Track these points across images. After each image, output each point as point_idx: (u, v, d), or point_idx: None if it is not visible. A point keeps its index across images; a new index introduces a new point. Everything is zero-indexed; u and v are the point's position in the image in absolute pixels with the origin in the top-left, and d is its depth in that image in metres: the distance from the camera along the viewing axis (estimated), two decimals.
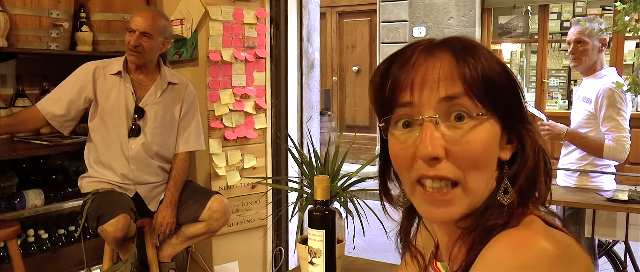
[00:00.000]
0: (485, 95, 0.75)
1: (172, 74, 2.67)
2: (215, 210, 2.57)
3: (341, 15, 8.20)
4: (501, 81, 0.76)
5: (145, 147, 2.55)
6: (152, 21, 2.51)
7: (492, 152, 0.76)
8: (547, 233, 0.71)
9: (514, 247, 0.68)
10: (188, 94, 2.68)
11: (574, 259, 0.69)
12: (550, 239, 0.68)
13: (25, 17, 2.71)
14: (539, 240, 0.68)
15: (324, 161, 1.70)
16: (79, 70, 2.56)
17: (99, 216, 2.34)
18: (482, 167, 0.75)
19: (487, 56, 0.77)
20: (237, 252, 3.17)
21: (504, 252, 0.68)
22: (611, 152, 2.57)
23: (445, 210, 0.76)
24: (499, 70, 0.76)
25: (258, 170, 3.19)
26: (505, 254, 0.68)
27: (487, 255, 0.70)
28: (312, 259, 1.31)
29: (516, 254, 0.67)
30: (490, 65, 0.76)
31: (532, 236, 0.69)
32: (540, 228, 0.73)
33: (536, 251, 0.67)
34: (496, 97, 0.75)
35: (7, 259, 2.53)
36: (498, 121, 0.76)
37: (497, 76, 0.76)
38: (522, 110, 0.79)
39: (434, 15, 7.20)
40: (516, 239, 0.70)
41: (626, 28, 2.64)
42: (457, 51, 0.76)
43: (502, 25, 7.39)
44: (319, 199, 1.29)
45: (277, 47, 3.28)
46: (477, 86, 0.74)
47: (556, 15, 7.04)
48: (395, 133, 0.79)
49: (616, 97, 2.56)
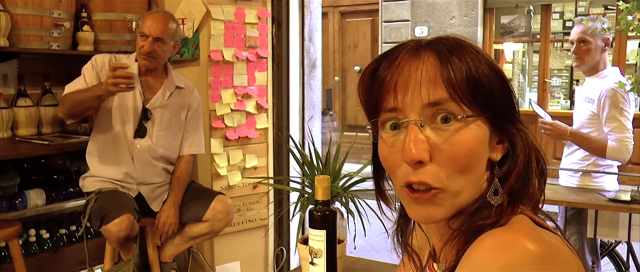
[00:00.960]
0: (471, 97, 0.73)
1: (178, 77, 2.67)
2: (219, 210, 2.57)
3: (343, 15, 8.20)
4: (488, 81, 0.74)
5: (150, 149, 2.55)
6: (165, 26, 2.49)
7: (479, 154, 0.75)
8: (532, 233, 0.69)
9: (496, 248, 0.67)
10: (194, 98, 2.69)
11: (559, 260, 0.68)
12: (535, 240, 0.67)
13: (27, 17, 2.71)
14: (523, 240, 0.67)
15: (325, 161, 1.70)
16: (93, 60, 2.53)
17: (103, 215, 2.34)
18: (468, 170, 0.74)
19: (473, 56, 0.75)
20: (239, 252, 3.17)
21: (486, 253, 0.68)
22: (614, 153, 2.56)
23: (430, 210, 0.76)
24: (486, 70, 0.75)
25: (260, 170, 3.19)
26: (487, 255, 0.67)
27: (470, 255, 0.70)
28: (312, 259, 1.31)
29: (498, 255, 0.66)
30: (476, 65, 0.74)
31: (515, 236, 0.68)
32: (525, 228, 0.71)
33: (518, 252, 0.66)
34: (483, 97, 0.74)
35: (9, 258, 2.53)
36: (486, 122, 0.75)
37: (484, 76, 0.74)
38: (513, 110, 0.78)
39: (436, 15, 7.19)
40: (499, 240, 0.69)
41: (629, 27, 2.63)
42: (442, 53, 0.75)
43: (505, 25, 7.38)
44: (320, 199, 1.29)
45: (279, 46, 3.28)
46: (462, 88, 0.73)
47: (558, 15, 7.02)
48: (384, 136, 0.79)
49: (619, 97, 2.55)
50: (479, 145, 0.74)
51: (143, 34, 2.47)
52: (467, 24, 7.11)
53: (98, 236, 2.54)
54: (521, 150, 0.76)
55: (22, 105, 2.88)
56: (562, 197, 2.59)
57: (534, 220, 0.75)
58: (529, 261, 0.65)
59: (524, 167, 0.76)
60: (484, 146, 0.75)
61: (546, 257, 0.66)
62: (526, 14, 7.20)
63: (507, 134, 0.77)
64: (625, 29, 2.65)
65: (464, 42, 0.77)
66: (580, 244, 2.70)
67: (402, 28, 7.25)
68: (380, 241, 2.58)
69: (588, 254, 2.71)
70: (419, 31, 7.22)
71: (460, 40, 0.78)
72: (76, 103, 2.40)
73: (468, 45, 0.77)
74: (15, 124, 2.87)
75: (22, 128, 2.88)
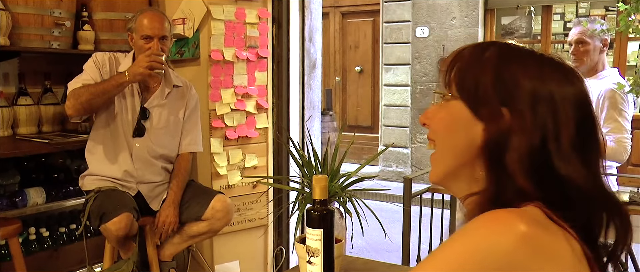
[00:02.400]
0: (453, 81, 0.87)
1: (176, 76, 2.67)
2: (218, 209, 2.58)
3: (344, 15, 8.20)
4: (470, 69, 0.86)
5: (149, 148, 2.56)
6: (164, 24, 2.51)
7: (452, 129, 0.87)
8: (529, 218, 0.72)
9: (487, 219, 0.73)
10: (192, 96, 2.70)
11: (548, 248, 0.71)
12: (528, 223, 0.71)
13: (28, 16, 2.72)
14: (514, 219, 0.71)
15: (323, 161, 1.70)
16: (94, 57, 2.53)
17: (102, 214, 2.34)
18: (443, 138, 0.88)
19: (471, 50, 0.89)
20: (238, 251, 3.18)
21: (476, 221, 0.74)
22: (612, 154, 2.56)
23: (432, 169, 0.92)
24: (471, 61, 0.87)
25: (259, 169, 3.19)
26: (476, 223, 0.73)
27: (466, 225, 0.75)
28: (310, 258, 1.31)
29: (486, 224, 0.72)
30: (466, 57, 0.88)
31: (509, 214, 0.73)
32: (525, 212, 0.75)
33: (505, 225, 0.71)
34: (462, 83, 0.85)
35: (8, 257, 2.54)
36: (465, 105, 0.85)
37: (467, 65, 0.87)
38: (490, 99, 0.82)
39: (437, 15, 7.19)
40: (494, 215, 0.74)
41: (629, 28, 2.64)
42: (454, 53, 0.91)
43: (505, 25, 7.38)
44: (317, 198, 1.29)
45: (279, 46, 3.28)
46: (449, 74, 0.88)
47: (559, 16, 7.02)
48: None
49: (618, 98, 2.55)
50: (451, 121, 0.87)
51: (147, 36, 2.47)
52: (467, 25, 7.11)
53: (98, 235, 2.55)
54: (493, 136, 0.81)
55: (22, 104, 2.89)
56: None
57: (549, 215, 0.76)
58: (511, 235, 0.69)
59: (493, 153, 0.81)
60: (459, 124, 0.86)
61: (532, 239, 0.70)
62: (527, 15, 7.20)
63: (484, 119, 0.83)
64: (625, 30, 2.65)
65: (476, 43, 0.92)
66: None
67: (402, 29, 7.25)
68: (379, 241, 2.58)
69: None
70: (420, 32, 7.22)
71: (478, 43, 0.92)
72: (95, 94, 2.36)
73: (477, 47, 0.90)
74: (15, 122, 2.88)
75: (22, 127, 2.89)
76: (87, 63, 2.52)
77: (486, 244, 0.70)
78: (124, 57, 2.59)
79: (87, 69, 2.50)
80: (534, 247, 0.70)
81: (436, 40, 7.17)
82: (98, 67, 2.50)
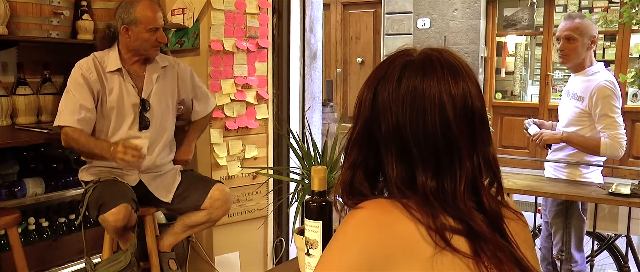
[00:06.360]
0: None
1: (161, 58, 2.64)
2: (217, 198, 2.57)
3: (346, 6, 8.17)
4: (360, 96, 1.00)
5: (156, 136, 2.56)
6: (160, 13, 2.52)
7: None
8: (375, 205, 0.92)
9: (349, 214, 0.93)
10: (181, 70, 2.69)
11: (382, 217, 0.89)
12: (371, 208, 0.91)
13: (26, 5, 2.70)
14: (363, 209, 0.91)
15: (323, 152, 1.69)
16: (78, 70, 2.43)
17: (100, 205, 2.34)
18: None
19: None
20: (238, 242, 3.18)
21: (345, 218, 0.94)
22: (608, 150, 2.56)
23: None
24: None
25: (259, 160, 3.18)
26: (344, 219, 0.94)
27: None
28: (309, 250, 1.31)
29: (346, 218, 0.93)
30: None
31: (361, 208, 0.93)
32: (371, 203, 0.93)
33: (355, 214, 0.91)
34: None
35: (8, 247, 2.53)
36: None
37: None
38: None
39: (439, 7, 7.15)
40: (353, 210, 0.93)
41: (632, 20, 2.62)
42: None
43: (507, 17, 7.35)
44: (316, 189, 1.28)
45: (280, 37, 3.26)
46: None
47: (562, 8, 6.98)
48: None
49: (610, 94, 2.54)
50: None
51: (155, 28, 2.46)
52: (469, 17, 7.07)
53: (97, 225, 2.54)
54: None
55: (21, 94, 2.88)
56: (559, 190, 2.58)
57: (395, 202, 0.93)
58: (357, 217, 0.90)
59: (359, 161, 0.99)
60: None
61: (371, 217, 0.90)
62: (529, 6, 7.16)
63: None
64: (629, 22, 2.64)
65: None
66: (566, 238, 2.69)
67: (404, 20, 7.22)
68: None
69: (574, 250, 2.70)
70: (421, 23, 7.19)
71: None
72: (81, 151, 2.49)
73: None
74: (14, 112, 2.86)
75: (21, 116, 2.88)
76: (73, 77, 2.42)
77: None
78: (108, 55, 2.50)
79: (74, 89, 2.40)
80: (374, 217, 0.90)
81: (438, 31, 7.13)
82: (85, 80, 2.41)
